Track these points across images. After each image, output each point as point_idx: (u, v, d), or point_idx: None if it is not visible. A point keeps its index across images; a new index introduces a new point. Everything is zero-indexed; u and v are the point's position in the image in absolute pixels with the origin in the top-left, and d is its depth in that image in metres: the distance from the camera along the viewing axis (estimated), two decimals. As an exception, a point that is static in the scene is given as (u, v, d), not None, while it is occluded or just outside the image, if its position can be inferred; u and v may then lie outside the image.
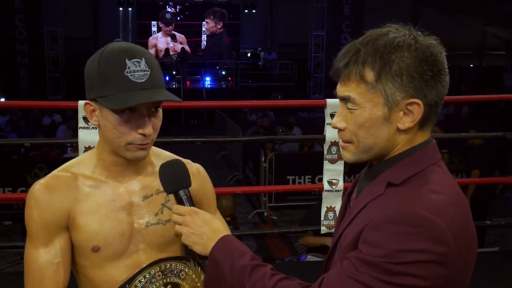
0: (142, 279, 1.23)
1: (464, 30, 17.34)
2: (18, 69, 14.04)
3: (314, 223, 3.22)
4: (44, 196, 1.18)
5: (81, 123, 2.62)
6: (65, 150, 7.06)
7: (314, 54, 16.02)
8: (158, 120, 1.17)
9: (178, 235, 1.13)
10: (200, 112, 14.54)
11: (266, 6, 18.80)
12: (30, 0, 13.97)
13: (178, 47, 17.84)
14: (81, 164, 1.25)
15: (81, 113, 2.65)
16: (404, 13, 16.63)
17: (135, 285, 1.23)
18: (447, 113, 12.00)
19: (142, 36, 17.63)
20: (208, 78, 16.99)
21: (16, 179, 6.00)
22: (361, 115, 0.97)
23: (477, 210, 4.39)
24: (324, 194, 3.04)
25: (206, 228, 1.09)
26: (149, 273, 1.24)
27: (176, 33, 17.98)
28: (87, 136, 2.61)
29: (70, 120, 8.80)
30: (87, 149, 2.64)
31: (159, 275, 1.25)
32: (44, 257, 1.18)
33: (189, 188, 1.16)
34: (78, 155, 2.80)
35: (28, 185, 5.92)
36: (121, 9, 17.72)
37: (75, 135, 2.69)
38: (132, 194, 1.24)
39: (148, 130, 1.14)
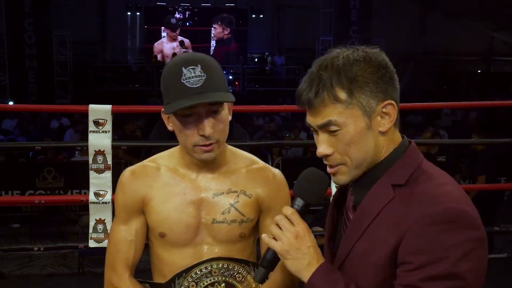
0: (198, 271, 1.31)
1: (472, 36, 17.28)
2: (26, 72, 14.13)
3: (322, 227, 3.21)
4: (128, 181, 1.35)
5: (91, 126, 2.64)
6: (72, 154, 7.09)
7: (321, 59, 16.01)
8: (219, 121, 1.24)
9: (267, 238, 1.07)
10: (207, 116, 14.55)
11: (273, 11, 18.82)
12: (39, 4, 14.06)
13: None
14: (168, 157, 1.38)
15: (91, 117, 2.67)
16: (411, 18, 16.63)
17: (191, 275, 1.31)
18: (455, 119, 11.94)
19: (151, 41, 17.64)
20: (215, 83, 17.00)
21: (25, 182, 6.03)
22: (347, 132, 1.01)
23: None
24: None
25: (313, 251, 1.04)
26: (206, 268, 1.32)
27: (180, 37, 17.98)
28: (97, 139, 2.63)
29: (78, 124, 8.84)
30: (97, 152, 2.67)
31: (215, 272, 1.32)
32: (121, 234, 1.35)
33: (301, 204, 1.09)
34: (87, 158, 2.83)
35: (36, 188, 5.95)
36: (129, 13, 17.81)
37: (82, 138, 2.71)
38: (204, 190, 1.33)
39: (207, 131, 1.21)
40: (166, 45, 17.71)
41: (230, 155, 1.37)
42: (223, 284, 1.32)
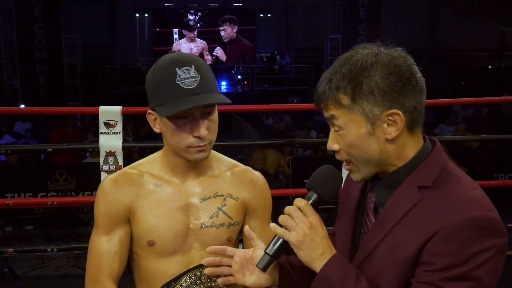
0: (188, 279, 1.30)
1: (483, 31, 17.12)
2: (37, 76, 14.25)
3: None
4: (111, 190, 1.30)
5: (102, 128, 2.66)
6: (84, 156, 7.14)
7: (330, 58, 15.94)
8: (213, 123, 1.25)
9: (279, 227, 1.07)
10: (217, 116, 14.55)
11: (281, 10, 18.80)
12: (48, 9, 14.19)
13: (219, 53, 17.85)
14: (149, 164, 1.35)
15: (102, 119, 2.68)
16: (421, 15, 16.50)
17: (181, 284, 1.29)
18: (465, 115, 11.80)
19: (160, 42, 17.65)
20: (224, 83, 17.03)
21: (37, 185, 6.08)
22: (348, 135, 1.03)
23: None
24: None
25: (326, 242, 1.06)
26: (195, 275, 1.30)
27: (198, 39, 17.99)
28: (108, 141, 2.65)
29: (89, 127, 8.89)
30: (108, 153, 2.68)
31: (204, 278, 1.31)
32: (104, 246, 1.29)
33: (314, 197, 1.11)
34: (98, 160, 2.85)
35: (48, 190, 6.00)
36: (137, 15, 17.88)
37: (93, 141, 2.73)
38: (191, 195, 1.31)
39: (203, 132, 1.21)
40: (185, 45, 17.71)
41: (213, 159, 1.36)
42: None
